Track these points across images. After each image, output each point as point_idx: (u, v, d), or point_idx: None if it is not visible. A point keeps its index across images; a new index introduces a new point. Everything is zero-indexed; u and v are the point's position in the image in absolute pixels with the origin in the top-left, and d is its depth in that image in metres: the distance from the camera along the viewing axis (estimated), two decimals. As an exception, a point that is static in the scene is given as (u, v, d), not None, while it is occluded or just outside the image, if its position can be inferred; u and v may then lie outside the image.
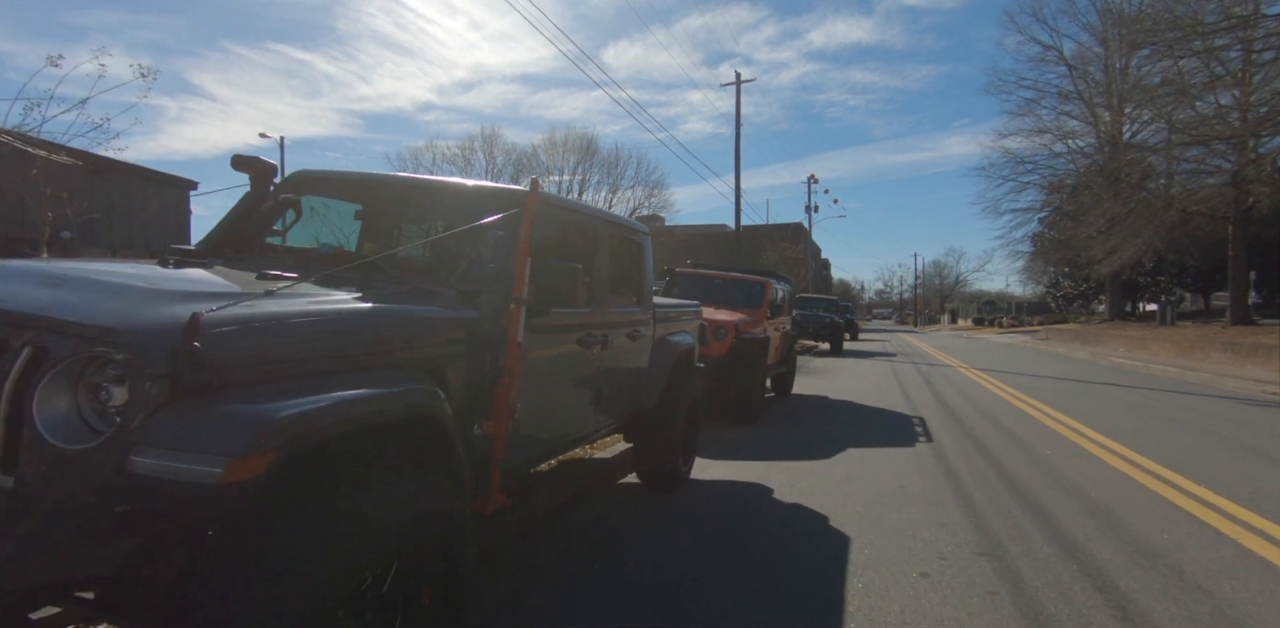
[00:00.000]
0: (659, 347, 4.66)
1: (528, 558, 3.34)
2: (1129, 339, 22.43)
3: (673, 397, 4.66)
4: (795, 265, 33.71)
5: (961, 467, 5.47)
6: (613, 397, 3.96)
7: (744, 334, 7.92)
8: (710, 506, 4.35)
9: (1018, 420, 7.94)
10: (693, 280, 9.66)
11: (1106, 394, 10.64)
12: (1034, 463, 5.64)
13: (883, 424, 7.67)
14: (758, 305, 9.00)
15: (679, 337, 5.01)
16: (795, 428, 7.35)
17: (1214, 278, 41.93)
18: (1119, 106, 27.11)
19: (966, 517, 4.10)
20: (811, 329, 21.91)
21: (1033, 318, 49.34)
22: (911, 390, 10.91)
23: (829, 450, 6.11)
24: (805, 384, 11.58)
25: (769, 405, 9.00)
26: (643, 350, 4.38)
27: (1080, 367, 16.58)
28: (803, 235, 47.26)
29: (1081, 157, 29.51)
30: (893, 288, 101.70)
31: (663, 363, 4.62)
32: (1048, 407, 9.00)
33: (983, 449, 6.21)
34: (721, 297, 9.22)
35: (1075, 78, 29.29)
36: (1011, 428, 7.40)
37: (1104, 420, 7.93)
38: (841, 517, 4.10)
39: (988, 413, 8.49)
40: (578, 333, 3.31)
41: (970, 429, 7.30)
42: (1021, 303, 61.85)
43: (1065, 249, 30.17)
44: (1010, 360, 18.52)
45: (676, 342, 4.86)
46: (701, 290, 9.47)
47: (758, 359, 7.91)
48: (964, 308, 77.44)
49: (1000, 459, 5.77)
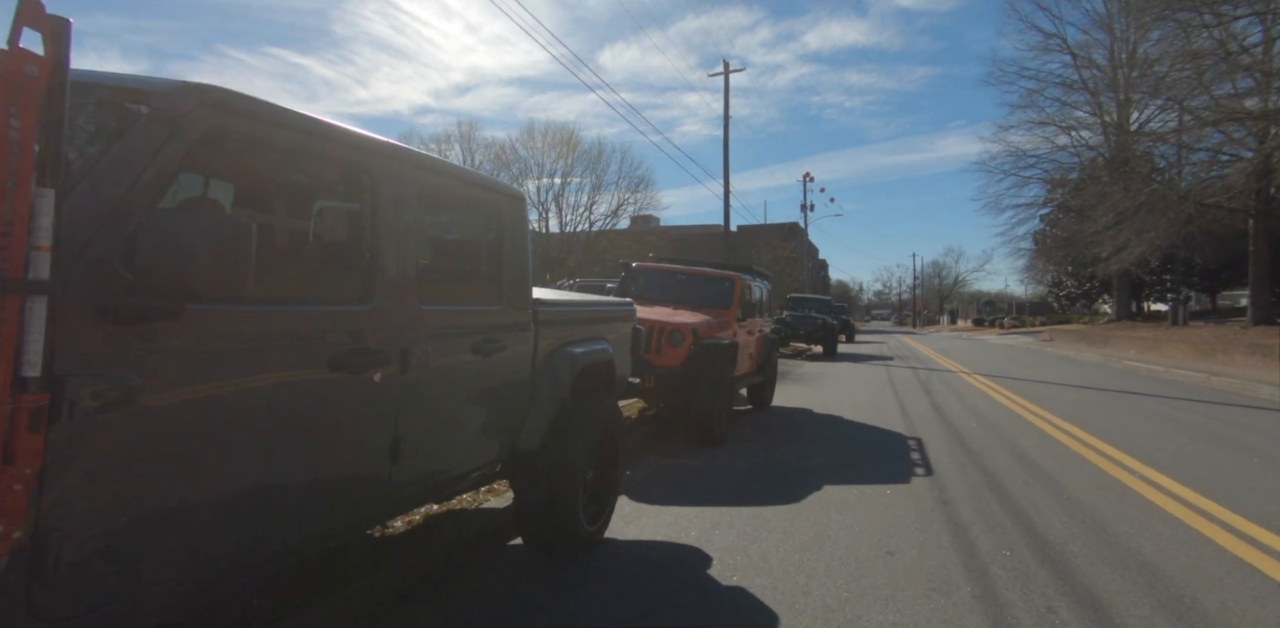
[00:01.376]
0: (548, 362, 3.32)
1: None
2: (1140, 340, 21.11)
3: (572, 429, 3.33)
4: (788, 264, 32.37)
5: (972, 519, 4.12)
6: (442, 442, 2.63)
7: (705, 340, 6.59)
8: (614, 590, 3.01)
9: (1035, 442, 6.60)
10: (652, 277, 8.33)
11: (1131, 405, 9.30)
12: (1069, 512, 4.29)
13: (873, 449, 6.33)
14: (726, 305, 7.66)
15: (586, 347, 3.67)
16: (766, 454, 6.01)
17: (1220, 276, 40.64)
18: (1126, 95, 25.82)
19: (984, 618, 2.76)
20: (803, 331, 20.59)
21: (1034, 318, 48.03)
22: (909, 402, 9.57)
23: (801, 490, 4.77)
24: (789, 394, 10.24)
25: (742, 421, 7.67)
26: (512, 368, 3.04)
27: (1092, 372, 15.25)
28: (799, 235, 45.98)
29: (1087, 149, 28.23)
30: (891, 289, 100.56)
31: (552, 384, 3.29)
32: (1067, 423, 7.66)
33: (998, 488, 4.86)
34: (685, 295, 7.90)
35: (1079, 67, 28.04)
36: (1028, 453, 6.06)
37: (1139, 442, 6.59)
38: (799, 618, 2.76)
39: (998, 431, 7.14)
40: (307, 347, 1.92)
41: (979, 456, 5.95)
42: (1023, 303, 60.55)
43: (1070, 246, 28.86)
44: (1015, 364, 17.19)
45: (578, 354, 3.52)
46: (663, 288, 8.16)
47: (722, 370, 6.57)
48: (963, 309, 76.14)
49: (1023, 506, 4.42)
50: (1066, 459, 5.84)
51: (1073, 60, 28.02)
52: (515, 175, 28.87)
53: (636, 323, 4.76)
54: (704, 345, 6.52)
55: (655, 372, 6.30)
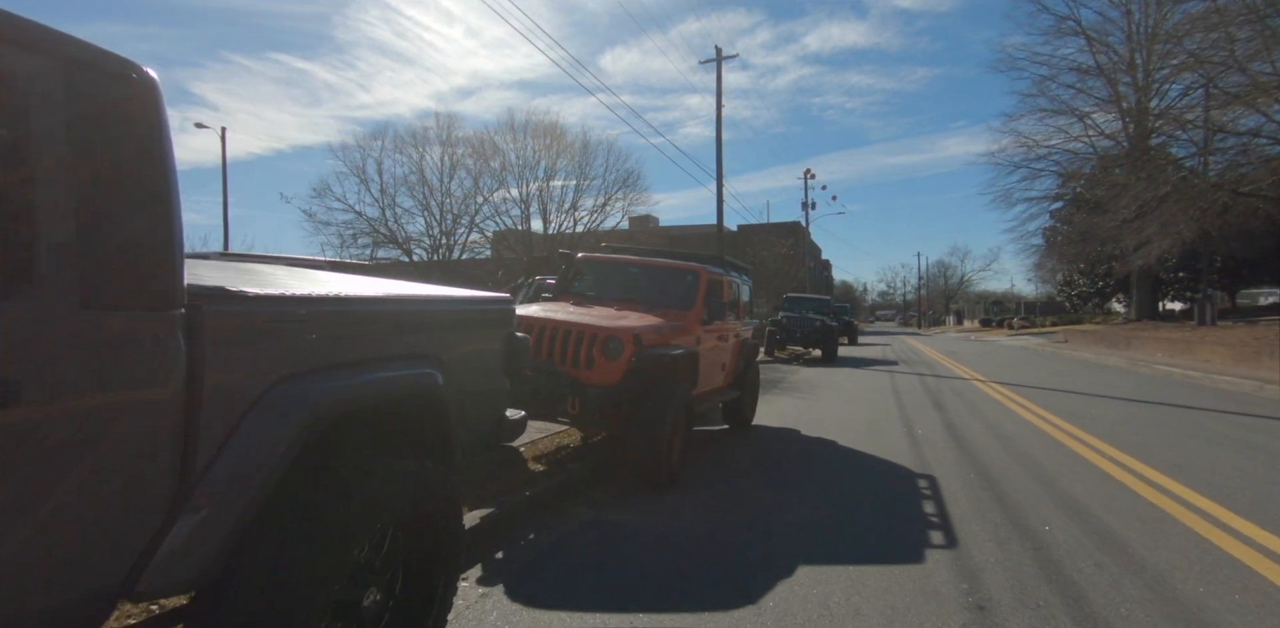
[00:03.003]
0: (233, 411, 1.75)
1: None
2: (1168, 343, 19.44)
3: (296, 537, 1.77)
4: (786, 262, 30.76)
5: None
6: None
7: (651, 349, 5.00)
8: None
9: (1090, 486, 4.99)
10: (598, 270, 6.75)
11: (1190, 425, 7.68)
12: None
13: (870, 495, 4.74)
14: (688, 305, 6.08)
15: (364, 377, 2.10)
16: (726, 505, 4.43)
17: (1240, 273, 38.87)
18: (1145, 79, 24.17)
19: None
20: (799, 334, 18.98)
21: (1045, 318, 46.29)
22: (917, 419, 7.96)
23: (764, 579, 3.18)
24: (776, 409, 8.66)
25: (708, 448, 6.09)
26: (97, 430, 1.45)
27: (1122, 379, 13.60)
28: (800, 233, 44.37)
29: (1103, 138, 26.53)
30: (895, 289, 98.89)
31: (240, 458, 1.71)
32: (1121, 453, 6.05)
33: (1060, 579, 3.26)
34: (638, 292, 6.33)
35: (1094, 52, 26.34)
36: (1088, 506, 4.46)
37: (1233, 486, 4.98)
38: None
39: (1034, 466, 5.54)
40: None
41: (1016, 509, 4.35)
42: (1031, 303, 58.73)
43: (1085, 242, 27.16)
44: (1033, 370, 15.55)
45: (322, 392, 1.94)
46: (611, 284, 6.59)
47: (673, 389, 4.98)
48: (969, 309, 74.34)
49: (1110, 618, 2.82)
50: (1147, 519, 4.23)
51: (1087, 44, 26.34)
52: (497, 172, 27.35)
53: (519, 329, 3.21)
54: (649, 357, 4.94)
55: (583, 393, 4.73)
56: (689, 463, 5.56)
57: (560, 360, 4.90)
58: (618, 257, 6.73)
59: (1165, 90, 24.08)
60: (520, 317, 5.12)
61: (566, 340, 4.91)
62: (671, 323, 5.57)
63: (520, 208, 28.04)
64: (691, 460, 5.68)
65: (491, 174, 27.50)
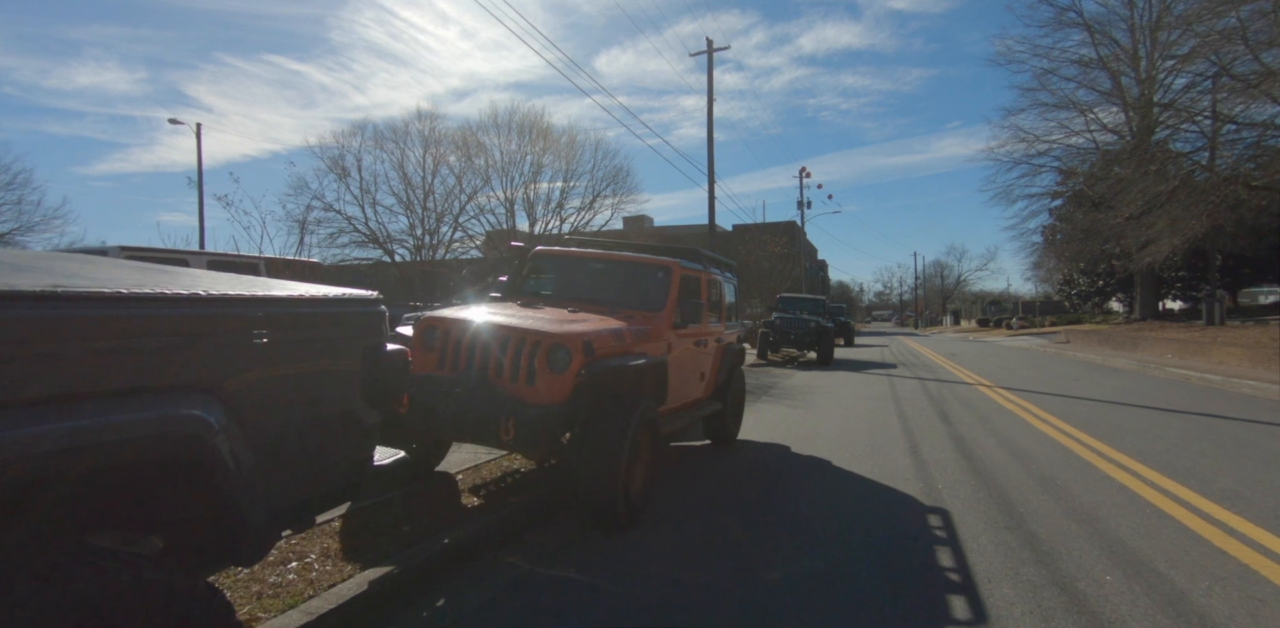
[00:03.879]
0: None
1: None
2: (1177, 344, 18.65)
3: None
4: (781, 261, 29.93)
5: None
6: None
7: (605, 360, 4.13)
8: None
9: (1143, 527, 4.13)
10: (560, 266, 5.88)
11: (1236, 440, 6.82)
12: None
13: (872, 541, 3.87)
14: (659, 305, 5.22)
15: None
16: (689, 555, 3.56)
17: (1241, 272, 38.18)
18: (1149, 71, 23.40)
19: None
20: (793, 335, 18.12)
21: (1044, 318, 45.53)
22: (921, 433, 7.11)
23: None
24: (765, 419, 7.80)
25: (683, 470, 5.22)
26: None
27: (1137, 383, 12.77)
28: (796, 233, 43.57)
29: (1106, 132, 25.76)
30: (892, 289, 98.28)
31: None
32: (1168, 479, 5.19)
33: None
34: (602, 292, 5.47)
35: (1097, 43, 25.57)
36: (1145, 555, 3.59)
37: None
38: None
39: (1068, 498, 4.68)
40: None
41: (1054, 561, 3.49)
42: (1030, 303, 57.98)
43: (1088, 240, 26.37)
44: (1040, 373, 14.72)
45: None
46: (574, 282, 5.73)
47: (631, 408, 4.10)
48: (966, 309, 73.63)
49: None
50: (1221, 575, 3.37)
51: (1089, 36, 25.58)
52: (481, 169, 26.39)
53: (443, 334, 2.35)
54: (604, 369, 4.07)
55: (520, 413, 3.86)
56: (659, 490, 4.70)
57: (495, 373, 4.03)
58: (578, 251, 5.86)
59: (1170, 83, 23.32)
60: (445, 320, 4.26)
61: (504, 349, 4.04)
62: (635, 327, 4.70)
63: (505, 205, 27.13)
64: (662, 486, 4.82)
65: (476, 171, 26.59)
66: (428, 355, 4.23)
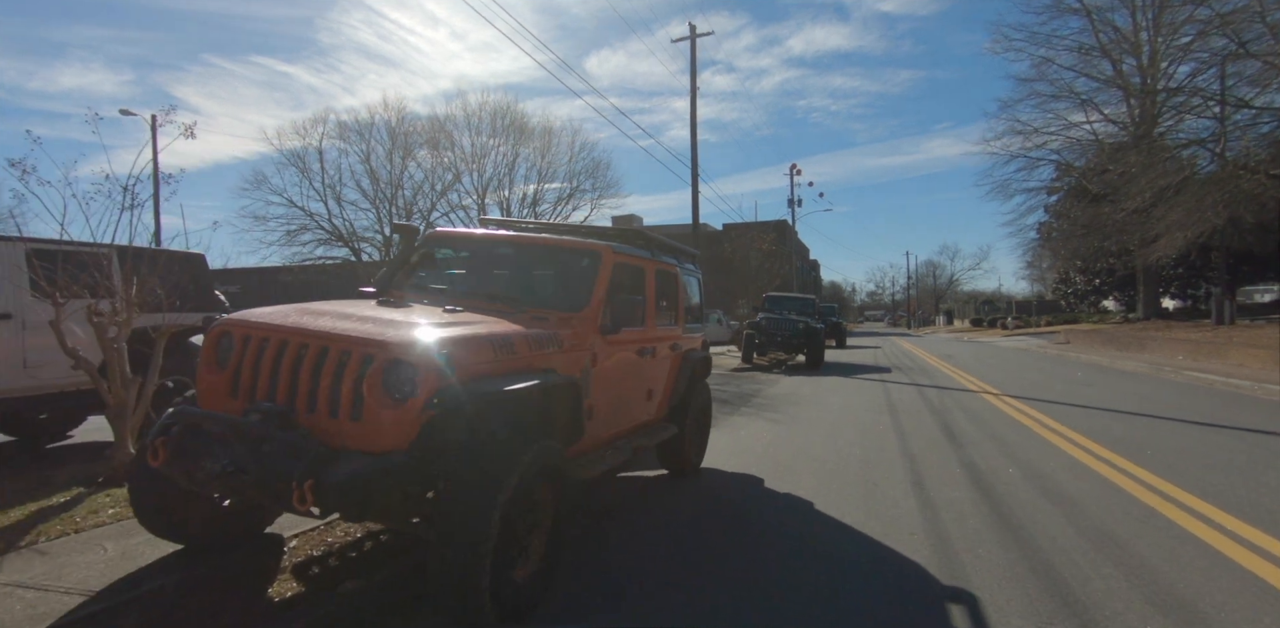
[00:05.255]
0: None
1: None
2: (1187, 344, 17.49)
3: None
4: (769, 259, 28.67)
5: None
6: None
7: (475, 383, 2.80)
8: None
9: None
10: (463, 251, 4.55)
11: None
12: None
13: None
14: (581, 303, 3.90)
15: None
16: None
17: (1239, 270, 37.21)
18: (1153, 58, 22.26)
19: None
20: (780, 338, 16.84)
21: (1040, 318, 44.49)
22: (926, 463, 5.82)
23: None
24: (740, 437, 6.50)
25: (628, 511, 3.89)
26: None
27: (1159, 389, 11.53)
28: (787, 231, 42.36)
29: (1107, 122, 24.63)
30: (884, 289, 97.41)
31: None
32: (1270, 537, 3.92)
33: None
34: (516, 284, 4.17)
35: (1097, 30, 24.45)
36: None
37: None
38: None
39: (1148, 573, 3.39)
40: None
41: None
42: (1026, 302, 56.97)
43: (1088, 236, 25.24)
44: (1048, 378, 13.49)
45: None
46: (478, 273, 4.41)
47: (508, 457, 2.76)
48: (960, 309, 72.68)
49: None
50: None
51: (1089, 23, 24.46)
52: (451, 164, 24.98)
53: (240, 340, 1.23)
54: (468, 396, 2.73)
55: (332, 471, 2.51)
56: (579, 552, 3.39)
57: (308, 406, 2.70)
58: (482, 232, 4.52)
59: (1173, 72, 22.23)
60: (244, 324, 2.93)
61: (318, 366, 2.71)
62: (538, 332, 3.38)
63: (476, 199, 25.74)
64: (585, 548, 3.50)
65: (446, 166, 25.20)
66: (216, 378, 2.90)
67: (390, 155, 24.46)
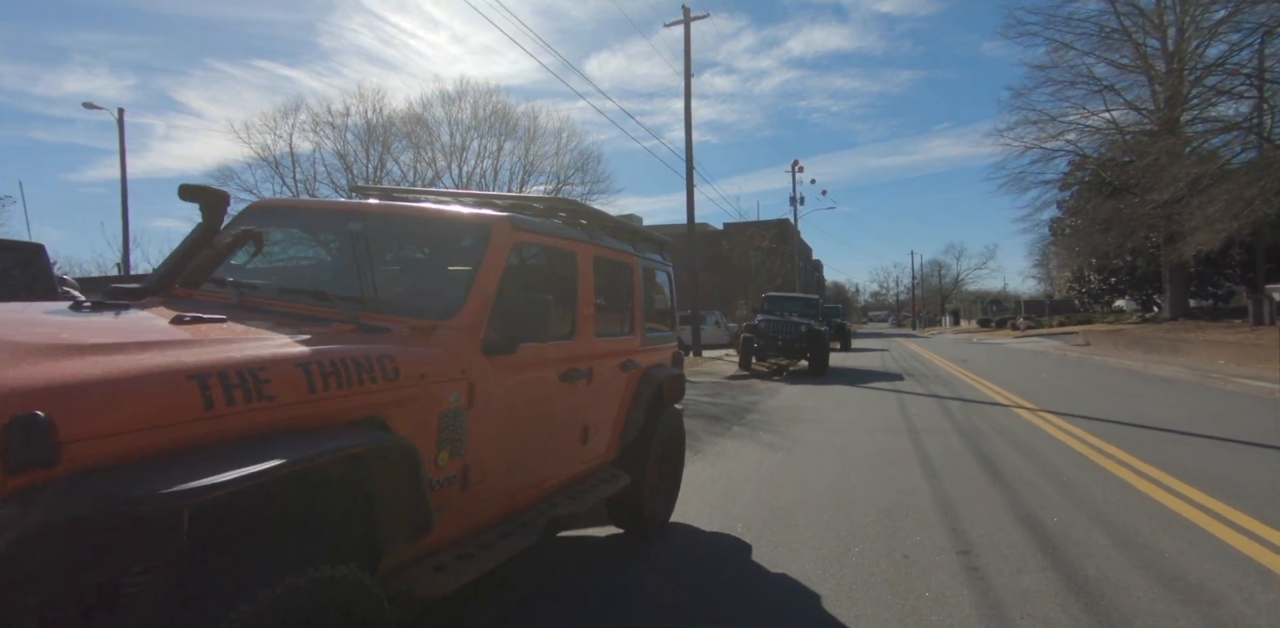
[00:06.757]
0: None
1: None
2: (1229, 347, 16.01)
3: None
4: (770, 257, 27.23)
5: None
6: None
7: (92, 467, 1.36)
8: None
9: None
10: (300, 228, 3.13)
11: None
12: None
13: None
14: (450, 308, 2.46)
15: None
16: None
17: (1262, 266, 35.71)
18: (1179, 39, 20.80)
19: None
20: (781, 342, 15.40)
21: (1052, 318, 42.94)
22: (970, 516, 4.37)
23: None
24: (728, 469, 5.05)
25: (545, 601, 2.46)
26: None
27: (1219, 401, 10.05)
28: (789, 230, 40.93)
29: (1129, 109, 23.15)
30: (888, 289, 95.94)
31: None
32: None
33: None
34: (353, 277, 2.72)
35: (1119, 13, 22.96)
36: None
37: None
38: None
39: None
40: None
41: None
42: (1037, 302, 55.36)
43: (1108, 231, 23.76)
44: (1083, 386, 12.01)
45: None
46: (319, 259, 3.00)
47: (238, 576, 1.33)
48: (966, 308, 71.08)
49: None
50: None
51: (1110, 5, 22.97)
52: (430, 159, 23.63)
53: None
54: (71, 492, 1.30)
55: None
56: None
57: None
58: (323, 201, 3.25)
59: (1202, 52, 20.75)
60: None
61: None
62: (342, 356, 1.93)
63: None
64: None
65: (426, 162, 23.84)
66: None
67: (367, 147, 23.13)
